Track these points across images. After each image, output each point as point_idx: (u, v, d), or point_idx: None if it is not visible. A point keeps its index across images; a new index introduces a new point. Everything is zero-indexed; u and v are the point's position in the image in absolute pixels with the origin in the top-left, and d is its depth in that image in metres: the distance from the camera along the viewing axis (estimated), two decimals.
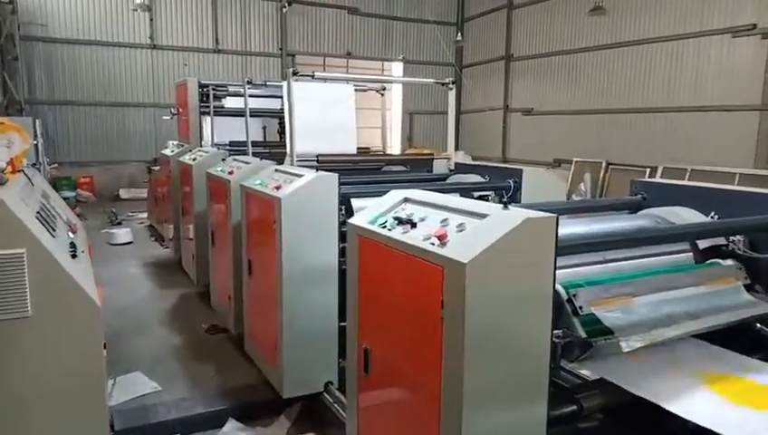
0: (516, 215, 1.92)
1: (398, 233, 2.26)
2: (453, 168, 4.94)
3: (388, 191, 2.67)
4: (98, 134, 14.90)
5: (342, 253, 3.71)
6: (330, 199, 3.64)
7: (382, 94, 6.03)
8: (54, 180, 13.11)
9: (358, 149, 5.87)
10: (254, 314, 4.31)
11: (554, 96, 15.57)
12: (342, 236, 3.70)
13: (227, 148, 6.89)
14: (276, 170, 4.13)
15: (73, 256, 2.70)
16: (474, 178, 4.59)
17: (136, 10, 13.83)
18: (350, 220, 2.61)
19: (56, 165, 13.14)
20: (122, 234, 9.42)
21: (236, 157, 5.34)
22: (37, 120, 10.81)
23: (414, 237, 2.15)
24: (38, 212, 2.73)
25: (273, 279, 3.71)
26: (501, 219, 1.94)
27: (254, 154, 5.50)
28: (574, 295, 2.16)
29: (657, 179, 3.28)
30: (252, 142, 5.85)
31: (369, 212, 2.57)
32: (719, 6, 11.25)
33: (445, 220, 2.13)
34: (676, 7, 12.03)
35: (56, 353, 2.34)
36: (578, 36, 14.68)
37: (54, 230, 2.79)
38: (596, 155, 13.85)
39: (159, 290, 6.87)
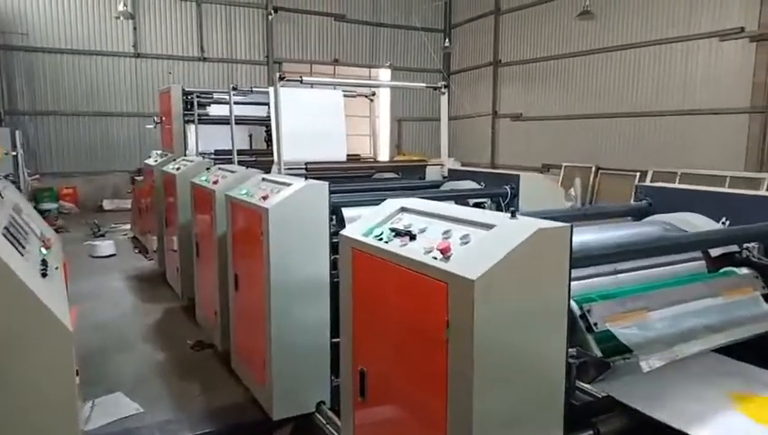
0: (527, 225, 1.76)
1: (395, 246, 2.08)
2: (446, 174, 4.78)
3: (380, 200, 2.51)
4: (81, 144, 14.60)
5: (334, 265, 3.53)
6: (320, 209, 3.46)
7: (372, 100, 5.87)
8: (36, 192, 12.82)
9: (347, 156, 5.70)
10: (241, 330, 4.10)
11: (543, 101, 15.53)
12: (334, 248, 3.52)
13: (212, 157, 6.69)
14: (263, 179, 3.94)
15: (44, 275, 2.50)
16: (468, 184, 4.43)
17: (119, 17, 13.58)
18: (343, 232, 2.43)
19: (38, 176, 12.83)
20: (105, 246, 9.16)
21: (222, 166, 5.15)
22: (17, 131, 10.52)
23: (414, 251, 1.98)
24: (5, 228, 2.53)
25: (261, 294, 3.52)
26: (510, 230, 1.77)
27: (240, 162, 5.32)
28: (588, 311, 2.00)
29: (663, 184, 3.13)
30: (238, 151, 5.66)
31: (363, 223, 2.40)
32: (706, 10, 11.25)
33: (447, 232, 1.96)
34: (664, 11, 12.03)
35: (23, 383, 2.13)
36: (566, 41, 14.66)
37: (23, 247, 2.58)
38: (585, 160, 13.81)
39: (143, 304, 6.63)
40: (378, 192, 4.52)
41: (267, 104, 7.57)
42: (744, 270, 2.53)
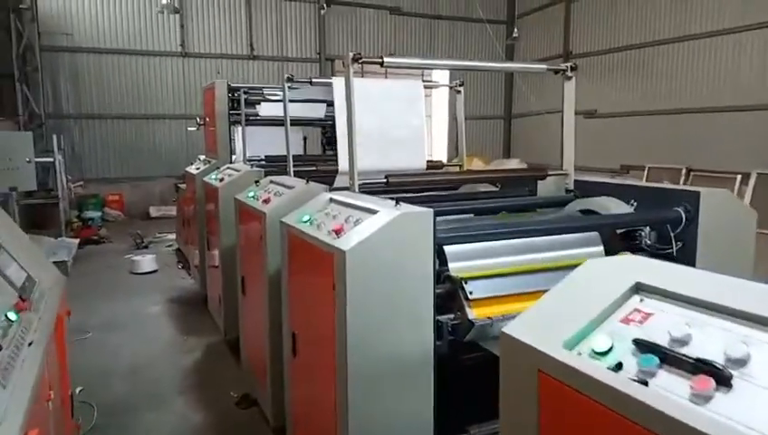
0: None
1: (679, 398, 0.90)
2: (572, 187, 3.54)
3: (495, 232, 1.34)
4: (127, 149, 13.89)
5: (439, 331, 2.39)
6: (421, 250, 2.30)
7: (459, 91, 4.68)
8: (80, 199, 12.22)
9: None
10: (302, 411, 2.98)
11: (621, 96, 13.94)
12: (437, 305, 2.38)
13: (262, 164, 5.65)
14: (332, 200, 2.83)
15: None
16: (610, 203, 3.19)
17: (162, 11, 12.78)
18: (517, 334, 1.25)
19: (81, 183, 12.18)
20: (146, 262, 8.28)
21: (274, 178, 4.06)
22: (54, 136, 9.78)
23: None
24: None
25: (331, 368, 2.40)
26: None
27: (297, 174, 4.22)
28: None
29: None
30: (292, 156, 4.57)
31: (549, 314, 1.22)
32: None
33: None
34: None
35: None
36: (648, 28, 13.07)
37: None
38: (673, 160, 12.21)
39: (181, 338, 5.64)
40: (483, 215, 3.36)
41: (325, 102, 6.50)
42: None
